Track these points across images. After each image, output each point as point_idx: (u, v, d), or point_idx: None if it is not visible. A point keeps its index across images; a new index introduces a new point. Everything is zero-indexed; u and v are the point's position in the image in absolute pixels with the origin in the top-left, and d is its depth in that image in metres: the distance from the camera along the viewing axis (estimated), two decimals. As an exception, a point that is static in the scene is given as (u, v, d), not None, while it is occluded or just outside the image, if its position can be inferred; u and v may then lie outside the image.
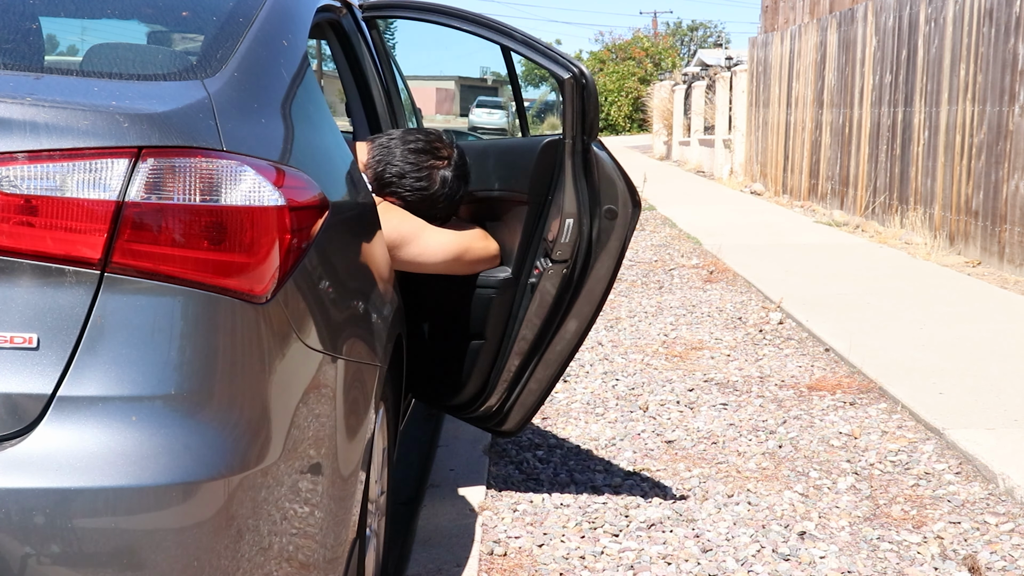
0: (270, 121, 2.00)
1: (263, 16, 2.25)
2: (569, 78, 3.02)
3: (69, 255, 1.65)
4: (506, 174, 3.22)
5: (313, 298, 1.96)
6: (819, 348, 5.86)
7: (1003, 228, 8.78)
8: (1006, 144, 8.77)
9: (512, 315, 3.21)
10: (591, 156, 3.08)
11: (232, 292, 1.73)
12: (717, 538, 3.19)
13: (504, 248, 3.24)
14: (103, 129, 1.67)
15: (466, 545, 3.04)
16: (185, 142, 1.72)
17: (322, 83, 11.36)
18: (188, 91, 1.86)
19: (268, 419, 1.76)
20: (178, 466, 1.62)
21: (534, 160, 3.12)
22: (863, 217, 12.37)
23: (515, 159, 3.20)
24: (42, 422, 1.61)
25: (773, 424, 4.43)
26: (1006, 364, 5.33)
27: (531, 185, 3.13)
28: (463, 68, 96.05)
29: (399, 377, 2.93)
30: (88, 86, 1.87)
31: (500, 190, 3.24)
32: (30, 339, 1.63)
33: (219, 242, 1.72)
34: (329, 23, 3.17)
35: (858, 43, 13.03)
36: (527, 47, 3.12)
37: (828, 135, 14.14)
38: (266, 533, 1.76)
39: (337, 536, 2.04)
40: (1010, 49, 8.79)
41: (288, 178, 1.88)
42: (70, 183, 1.65)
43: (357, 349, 2.18)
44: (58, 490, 1.58)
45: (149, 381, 1.65)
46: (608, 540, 3.16)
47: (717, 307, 7.09)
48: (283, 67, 2.20)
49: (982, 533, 3.28)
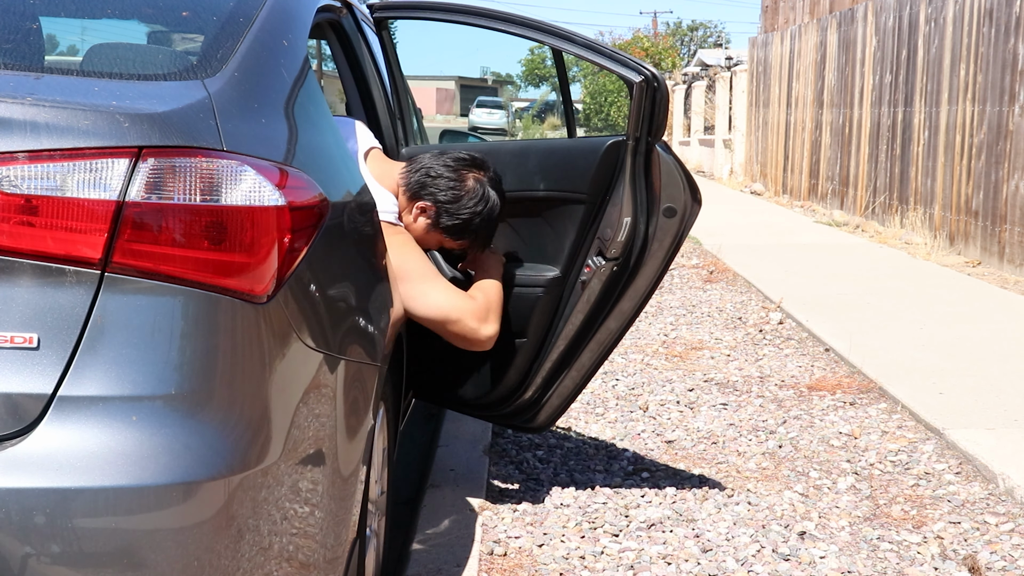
0: (270, 121, 2.00)
1: (263, 16, 2.24)
2: (641, 81, 3.08)
3: (69, 255, 1.65)
4: (562, 174, 3.23)
5: (313, 298, 1.96)
6: (819, 348, 5.86)
7: (1003, 228, 8.78)
8: (1006, 144, 8.77)
9: (558, 312, 3.25)
10: (654, 156, 3.14)
11: (232, 292, 1.73)
12: (717, 538, 3.19)
13: (551, 247, 3.27)
14: (103, 129, 1.67)
15: (466, 545, 3.04)
16: (185, 142, 1.72)
17: (322, 83, 11.35)
18: (188, 91, 1.86)
19: (268, 419, 1.76)
20: (178, 466, 1.62)
21: (597, 160, 3.16)
22: (863, 217, 12.38)
23: (574, 159, 3.22)
24: (42, 422, 1.61)
25: (773, 424, 4.43)
26: (1006, 364, 5.33)
27: (591, 184, 3.17)
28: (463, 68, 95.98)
29: (399, 377, 2.93)
30: (88, 86, 1.86)
31: (555, 190, 3.24)
32: (30, 339, 1.63)
33: (219, 242, 1.72)
34: (329, 23, 3.17)
35: (858, 43, 13.03)
36: (593, 52, 3.18)
37: (828, 135, 14.14)
38: (266, 533, 1.76)
39: (337, 536, 2.04)
40: (1010, 49, 8.79)
41: (288, 178, 1.88)
42: (70, 183, 1.65)
43: (357, 349, 2.18)
44: (58, 490, 1.57)
45: (149, 381, 1.65)
46: (608, 540, 3.16)
47: (717, 307, 7.09)
48: (283, 67, 2.20)
49: (982, 533, 3.28)
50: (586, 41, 3.20)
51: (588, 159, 3.17)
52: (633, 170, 3.13)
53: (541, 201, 3.27)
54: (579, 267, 3.23)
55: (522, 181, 3.27)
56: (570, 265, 3.23)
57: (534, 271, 3.26)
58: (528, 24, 3.28)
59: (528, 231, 3.31)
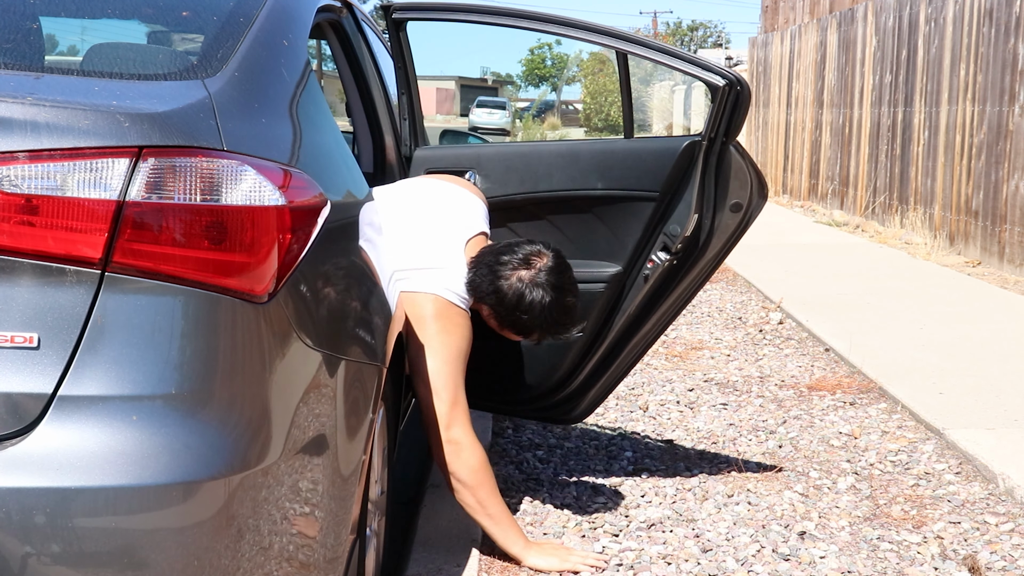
0: (271, 121, 2.00)
1: (263, 16, 2.24)
2: (725, 85, 3.16)
3: (70, 254, 1.64)
4: (627, 173, 3.33)
5: (313, 298, 1.95)
6: (819, 348, 5.86)
7: (1003, 228, 8.78)
8: (1006, 144, 8.77)
9: (617, 307, 3.37)
10: (727, 155, 3.26)
11: (232, 292, 1.73)
12: (717, 538, 3.19)
13: (605, 244, 3.37)
14: (104, 129, 1.67)
15: (466, 545, 3.04)
16: (186, 142, 1.72)
17: (322, 83, 11.34)
18: (189, 91, 1.86)
19: (268, 419, 1.76)
20: (178, 465, 1.62)
21: (674, 159, 3.26)
22: (863, 217, 12.37)
23: (643, 159, 3.33)
24: (43, 421, 1.61)
25: (773, 424, 4.43)
26: (1006, 364, 5.33)
27: (665, 183, 3.27)
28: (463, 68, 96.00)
29: (399, 377, 2.93)
30: (89, 86, 1.86)
31: (620, 189, 3.34)
32: (31, 338, 1.63)
33: (219, 242, 1.71)
34: (330, 23, 3.16)
35: (858, 43, 13.03)
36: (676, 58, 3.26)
37: (828, 135, 14.14)
38: (266, 533, 1.76)
39: (337, 536, 2.04)
40: (1010, 49, 8.79)
41: (289, 178, 1.88)
42: (71, 182, 1.65)
43: (357, 349, 2.18)
44: (58, 489, 1.57)
45: (149, 380, 1.65)
46: (608, 540, 3.16)
47: (717, 307, 7.09)
48: (284, 67, 2.20)
49: (982, 533, 3.28)
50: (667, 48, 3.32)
51: (662, 159, 3.29)
52: (705, 169, 3.24)
53: (595, 200, 3.36)
54: (642, 262, 3.34)
55: (573, 181, 3.35)
56: (633, 261, 3.34)
57: (594, 267, 3.36)
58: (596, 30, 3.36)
59: (576, 228, 3.39)
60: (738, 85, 3.17)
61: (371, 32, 3.69)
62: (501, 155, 3.47)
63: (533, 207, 3.41)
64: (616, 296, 3.36)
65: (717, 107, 3.19)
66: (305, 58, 2.35)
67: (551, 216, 3.39)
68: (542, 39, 75.94)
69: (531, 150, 3.54)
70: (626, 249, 3.34)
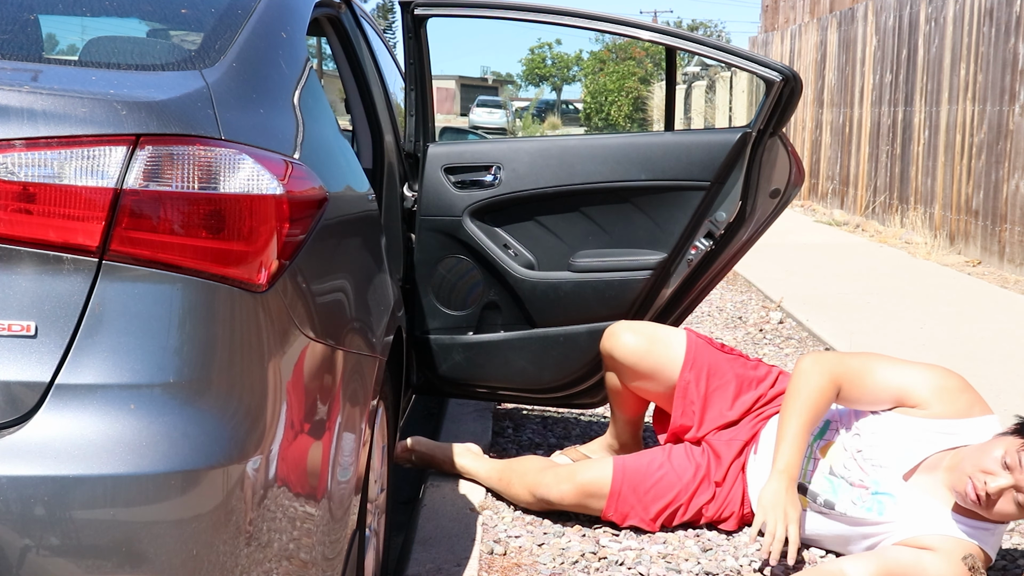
0: (269, 111, 1.99)
1: (262, 8, 2.25)
2: (780, 80, 3.28)
3: (67, 243, 1.64)
4: (675, 164, 3.44)
5: (312, 288, 1.95)
6: (819, 347, 5.85)
7: (1003, 227, 8.78)
8: (1006, 143, 8.77)
9: (659, 292, 3.50)
10: (775, 145, 3.42)
11: (231, 280, 1.72)
12: (717, 538, 3.18)
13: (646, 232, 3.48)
14: (101, 117, 1.66)
15: (466, 545, 3.03)
16: (183, 130, 1.71)
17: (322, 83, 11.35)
18: (187, 80, 1.85)
19: (266, 408, 1.75)
20: (177, 454, 1.61)
21: (727, 150, 3.38)
22: (863, 216, 12.38)
23: (697, 150, 3.43)
24: (40, 410, 1.61)
25: (773, 422, 4.42)
26: (1006, 364, 5.32)
27: (717, 173, 3.39)
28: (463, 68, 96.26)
29: (399, 372, 2.92)
30: (86, 75, 1.86)
31: (667, 179, 3.44)
32: (28, 327, 1.62)
33: (218, 230, 1.71)
34: (328, 19, 3.16)
35: (858, 42, 13.03)
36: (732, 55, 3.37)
37: (828, 134, 14.15)
38: (263, 522, 1.74)
39: (336, 533, 2.03)
40: (1010, 49, 8.79)
41: (287, 168, 1.87)
42: (68, 170, 1.64)
43: (357, 340, 2.17)
44: (56, 478, 1.57)
45: (147, 369, 1.64)
46: (608, 540, 3.15)
47: (717, 306, 7.08)
48: (282, 58, 2.20)
49: (983, 530, 3.27)
50: (721, 45, 3.44)
51: (713, 150, 3.40)
52: (752, 159, 3.38)
53: (635, 190, 3.46)
54: (687, 249, 3.46)
55: (613, 172, 3.45)
56: (679, 247, 3.46)
57: (636, 256, 3.47)
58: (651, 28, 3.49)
59: (611, 219, 3.48)
60: (793, 81, 3.28)
61: (370, 29, 3.68)
62: (530, 150, 3.52)
63: (565, 199, 3.49)
64: (659, 282, 3.48)
65: (771, 100, 3.32)
66: (304, 51, 2.35)
67: (585, 208, 3.49)
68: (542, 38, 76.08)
69: (564, 144, 3.58)
70: (671, 236, 3.45)
